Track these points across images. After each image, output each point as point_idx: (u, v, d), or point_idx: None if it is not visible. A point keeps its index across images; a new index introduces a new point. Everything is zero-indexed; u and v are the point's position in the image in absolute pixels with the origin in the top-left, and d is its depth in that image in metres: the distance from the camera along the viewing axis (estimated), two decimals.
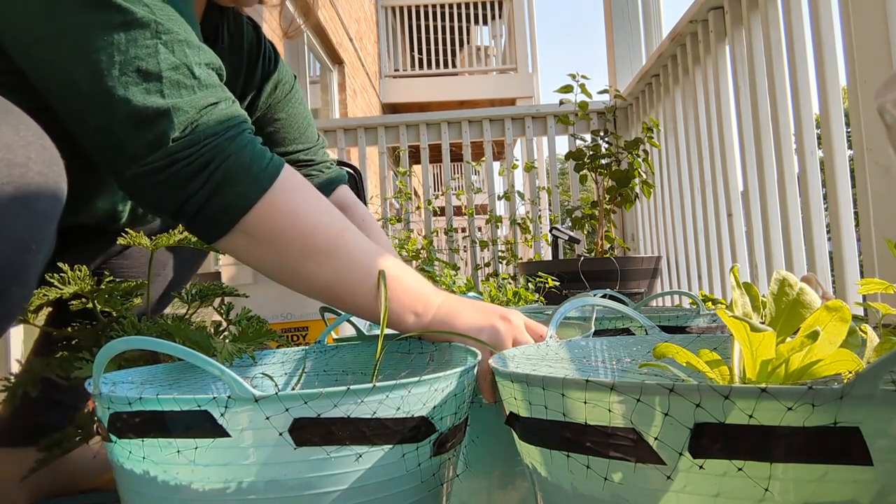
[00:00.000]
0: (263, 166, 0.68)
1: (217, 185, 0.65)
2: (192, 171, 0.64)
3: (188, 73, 0.66)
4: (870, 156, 1.25)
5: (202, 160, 0.65)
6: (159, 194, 0.66)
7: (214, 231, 0.68)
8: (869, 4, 1.25)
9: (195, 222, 0.68)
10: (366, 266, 0.69)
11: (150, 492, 0.48)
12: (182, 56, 0.66)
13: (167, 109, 0.63)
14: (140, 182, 0.65)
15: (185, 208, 0.66)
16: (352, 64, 6.63)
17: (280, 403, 0.45)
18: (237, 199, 0.66)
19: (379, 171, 3.46)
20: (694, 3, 2.09)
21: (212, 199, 0.65)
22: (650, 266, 2.38)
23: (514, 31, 8.58)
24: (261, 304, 1.25)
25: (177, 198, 0.65)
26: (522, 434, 0.46)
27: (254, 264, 0.71)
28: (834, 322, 0.45)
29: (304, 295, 0.72)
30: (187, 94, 0.65)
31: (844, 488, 0.33)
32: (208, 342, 0.67)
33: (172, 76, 0.65)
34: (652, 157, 2.64)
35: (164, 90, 0.64)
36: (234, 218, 0.66)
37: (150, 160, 0.64)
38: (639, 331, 0.90)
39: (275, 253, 0.68)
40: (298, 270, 0.69)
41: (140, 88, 0.63)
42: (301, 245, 0.68)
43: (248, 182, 0.66)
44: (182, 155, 0.64)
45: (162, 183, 0.65)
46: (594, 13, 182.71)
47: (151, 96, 0.63)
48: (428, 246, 2.90)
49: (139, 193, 0.67)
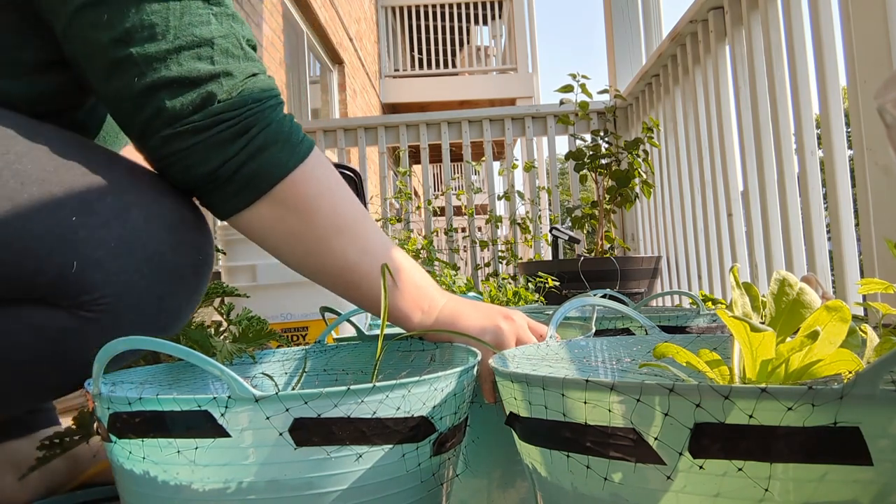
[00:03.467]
0: (300, 138, 0.69)
1: (257, 148, 0.66)
2: (234, 132, 0.65)
3: (237, 44, 0.67)
4: (870, 156, 1.25)
5: (245, 124, 0.65)
6: (198, 155, 0.65)
7: (243, 197, 0.67)
8: (869, 4, 1.25)
9: (225, 188, 0.67)
10: (384, 252, 0.70)
11: (150, 492, 0.48)
12: (230, 28, 0.68)
13: (218, 73, 0.65)
14: (178, 141, 0.64)
15: (221, 170, 0.65)
16: (352, 64, 6.63)
17: (280, 403, 0.45)
18: (275, 165, 0.66)
19: (379, 171, 3.46)
20: (694, 3, 2.09)
21: (250, 161, 0.65)
22: (650, 266, 2.38)
23: (514, 31, 8.58)
24: (261, 304, 1.25)
25: (215, 158, 0.65)
26: (522, 434, 0.46)
27: (272, 240, 0.70)
28: (834, 322, 0.45)
29: (313, 279, 0.71)
30: (234, 62, 0.66)
31: (844, 488, 0.33)
32: (208, 342, 0.67)
33: (223, 44, 0.66)
34: (652, 157, 2.64)
35: (214, 56, 0.65)
36: (270, 183, 0.66)
37: (193, 119, 0.64)
38: (639, 331, 0.90)
39: (303, 224, 0.68)
40: (321, 246, 0.69)
41: (192, 53, 0.64)
42: (330, 219, 0.69)
43: (287, 150, 0.67)
44: (226, 116, 0.65)
45: (202, 143, 0.64)
46: (594, 13, 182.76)
47: (202, 62, 0.64)
48: (428, 246, 2.90)
49: (172, 156, 0.65)
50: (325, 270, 0.70)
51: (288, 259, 0.71)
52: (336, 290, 0.72)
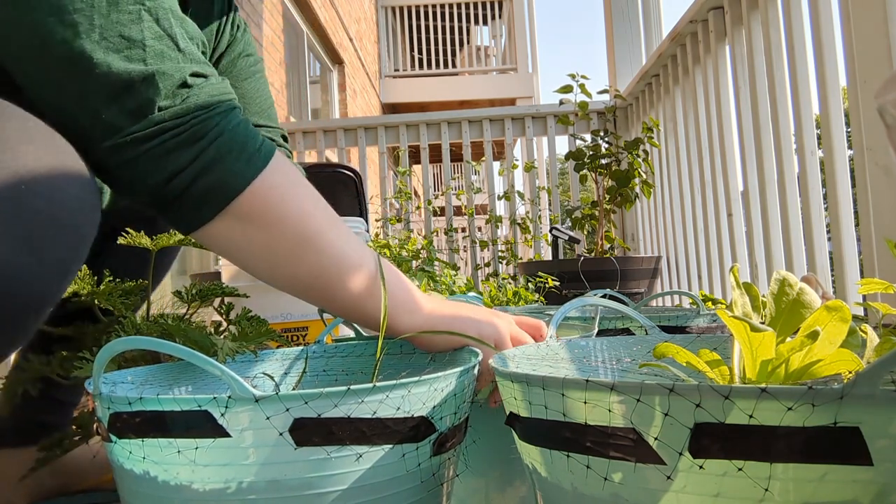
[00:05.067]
0: (257, 146, 0.64)
1: (210, 161, 0.60)
2: (180, 142, 0.60)
3: (172, 45, 0.61)
4: (870, 156, 1.25)
5: (192, 133, 0.60)
6: (142, 169, 0.60)
7: (201, 214, 0.62)
8: (869, 4, 1.25)
9: (180, 204, 0.62)
10: (359, 258, 0.66)
11: (150, 492, 0.48)
12: (167, 25, 0.62)
13: (151, 74, 0.59)
14: (119, 154, 0.59)
15: (171, 185, 0.60)
16: (352, 64, 6.63)
17: (280, 403, 0.45)
18: (231, 177, 0.61)
19: (379, 171, 3.46)
20: (694, 3, 2.09)
21: (202, 176, 0.60)
22: (650, 266, 2.38)
23: (514, 31, 8.58)
24: (261, 304, 1.25)
25: (162, 172, 0.60)
26: (522, 434, 0.46)
27: (239, 254, 0.66)
28: (834, 322, 0.45)
29: (287, 291, 0.68)
30: (171, 63, 0.60)
31: (844, 488, 0.33)
32: (208, 342, 0.67)
33: (156, 46, 0.60)
34: (652, 157, 2.64)
35: (146, 59, 0.59)
36: (228, 198, 0.61)
37: (132, 129, 0.58)
38: (639, 331, 0.90)
39: (269, 236, 0.63)
40: (290, 257, 0.64)
41: (121, 55, 0.58)
42: (298, 228, 0.64)
43: (243, 160, 0.62)
44: (170, 125, 0.59)
45: (145, 154, 0.59)
46: (594, 13, 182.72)
47: (133, 63, 0.58)
48: (428, 246, 2.90)
49: (116, 169, 0.60)
50: (297, 281, 0.66)
51: (258, 272, 0.67)
52: (310, 299, 0.68)
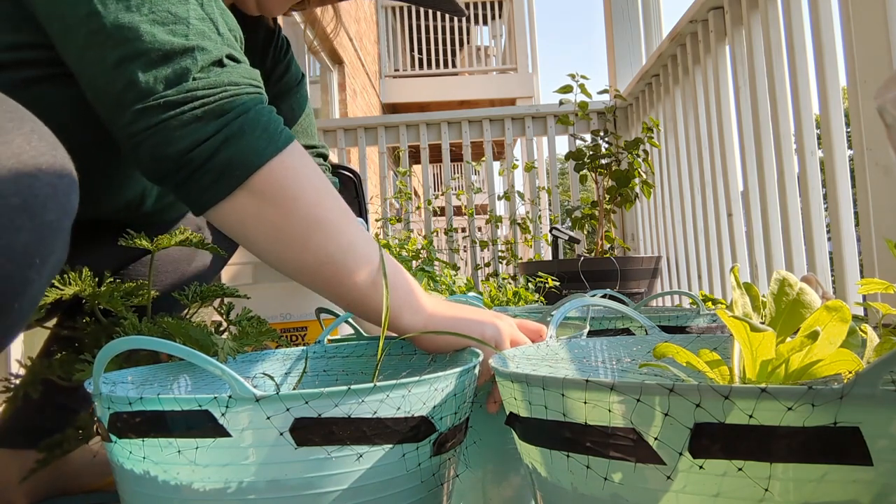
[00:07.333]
0: (279, 130, 0.66)
1: (233, 133, 0.63)
2: (207, 111, 0.62)
3: (213, 28, 0.66)
4: (870, 156, 1.25)
5: (221, 105, 0.63)
6: (167, 134, 0.62)
7: (219, 188, 0.64)
8: (869, 4, 1.25)
9: (199, 176, 0.64)
10: (367, 250, 0.67)
11: (150, 492, 0.48)
12: (210, 11, 0.66)
13: (191, 48, 0.63)
14: (147, 117, 0.62)
15: (193, 154, 0.62)
16: (352, 64, 6.62)
17: (281, 403, 0.45)
18: (252, 152, 0.64)
19: (379, 171, 3.46)
20: (694, 3, 2.09)
21: (225, 148, 0.63)
22: (650, 266, 2.38)
23: (514, 31, 8.58)
24: (261, 304, 1.25)
25: (186, 139, 0.62)
26: (522, 434, 0.46)
27: (250, 234, 0.67)
28: (834, 322, 0.45)
29: (292, 276, 0.69)
30: (210, 42, 0.65)
31: (844, 488, 0.33)
32: (209, 341, 0.67)
33: (199, 25, 0.64)
34: (652, 157, 2.64)
35: (189, 34, 0.63)
36: (247, 171, 0.64)
37: (165, 94, 0.62)
38: (639, 331, 0.90)
39: (282, 216, 0.65)
40: (301, 240, 0.66)
41: (166, 28, 0.63)
42: (311, 212, 0.66)
43: (265, 138, 0.64)
44: (201, 94, 0.62)
45: (173, 119, 0.62)
46: (594, 13, 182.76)
47: (176, 37, 0.63)
48: (428, 246, 2.90)
49: (144, 131, 0.63)
50: (305, 266, 0.67)
51: (267, 254, 0.68)
52: (315, 286, 0.69)
